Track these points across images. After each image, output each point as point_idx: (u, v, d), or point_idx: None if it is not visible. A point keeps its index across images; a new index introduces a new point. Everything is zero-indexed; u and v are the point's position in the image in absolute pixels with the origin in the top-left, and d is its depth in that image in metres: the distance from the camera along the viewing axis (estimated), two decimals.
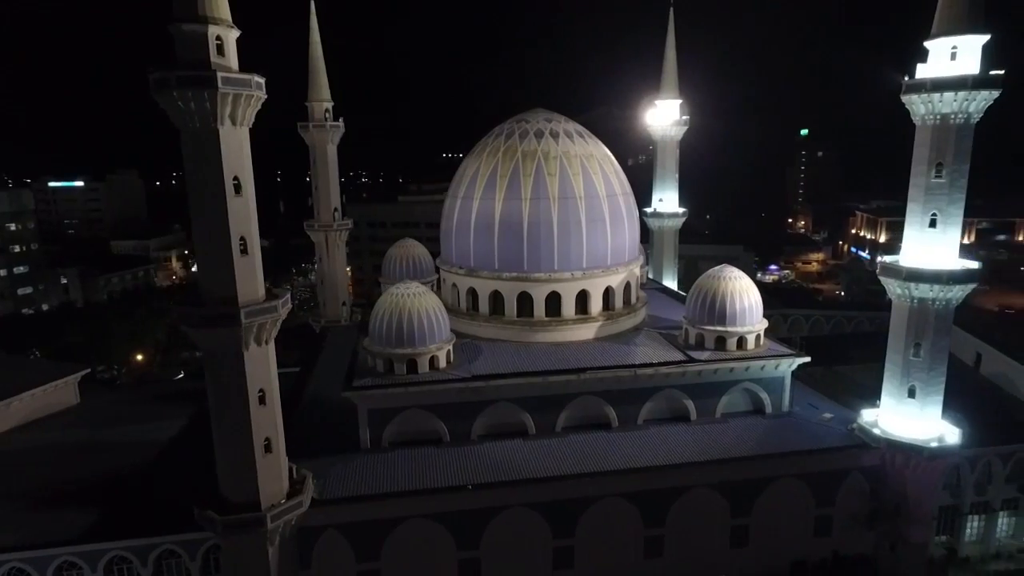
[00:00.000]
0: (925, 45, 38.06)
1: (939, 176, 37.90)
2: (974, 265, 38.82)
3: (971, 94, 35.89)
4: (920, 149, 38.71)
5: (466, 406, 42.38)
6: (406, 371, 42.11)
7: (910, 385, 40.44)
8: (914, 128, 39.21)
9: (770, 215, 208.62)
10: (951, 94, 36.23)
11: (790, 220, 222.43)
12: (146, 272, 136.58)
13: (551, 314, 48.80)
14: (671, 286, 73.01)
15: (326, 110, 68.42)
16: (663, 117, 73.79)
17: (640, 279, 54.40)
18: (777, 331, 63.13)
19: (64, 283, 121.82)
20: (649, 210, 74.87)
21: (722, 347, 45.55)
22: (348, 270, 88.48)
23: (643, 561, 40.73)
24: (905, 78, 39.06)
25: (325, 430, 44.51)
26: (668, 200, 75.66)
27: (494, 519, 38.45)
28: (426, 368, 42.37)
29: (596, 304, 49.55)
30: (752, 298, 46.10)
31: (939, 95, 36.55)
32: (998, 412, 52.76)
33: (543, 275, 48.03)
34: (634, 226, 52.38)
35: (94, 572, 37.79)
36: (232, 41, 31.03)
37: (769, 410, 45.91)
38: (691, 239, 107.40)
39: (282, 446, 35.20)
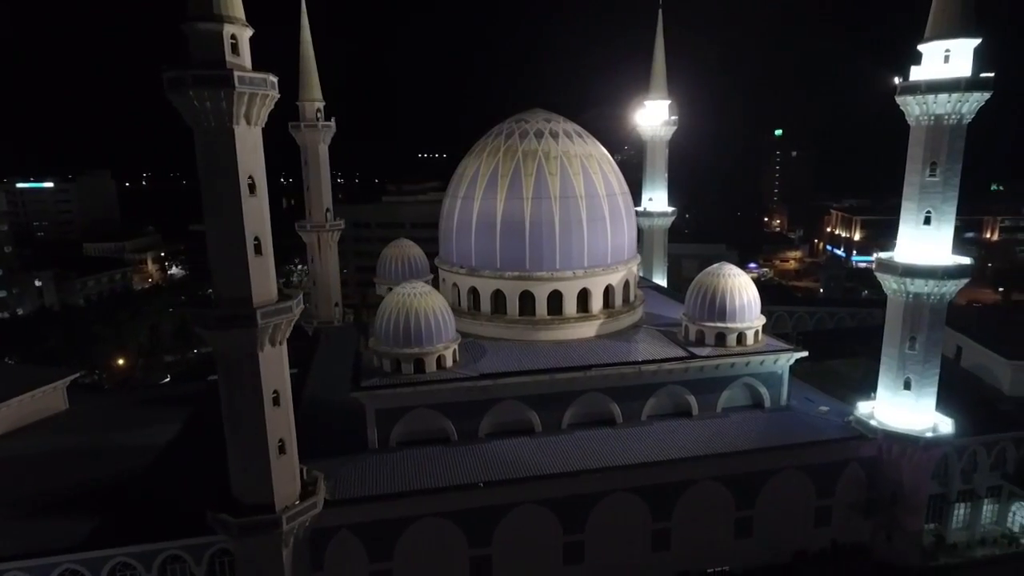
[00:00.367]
0: (919, 48, 39.37)
1: (933, 175, 39.22)
2: (966, 261, 40.26)
3: (964, 95, 37.22)
4: (914, 149, 40.00)
5: (474, 405, 42.58)
6: (413, 371, 42.16)
7: (906, 377, 41.75)
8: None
9: (746, 214, 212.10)
10: (945, 96, 37.53)
11: (766, 219, 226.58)
12: (123, 275, 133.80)
13: (553, 312, 49.22)
14: (661, 284, 74.08)
15: (318, 110, 67.99)
16: (652, 117, 74.86)
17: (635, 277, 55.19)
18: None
19: (39, 286, 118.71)
20: (639, 209, 75.71)
21: (722, 343, 46.44)
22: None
23: (651, 555, 41.38)
24: (898, 80, 40.38)
25: (329, 431, 44.27)
26: (658, 199, 76.73)
27: (506, 516, 38.74)
28: (433, 367, 42.46)
29: (597, 302, 50.13)
30: (750, 295, 47.09)
31: (933, 96, 37.83)
32: (980, 403, 54.57)
33: (545, 274, 48.43)
34: (632, 225, 53.15)
35: None
36: (246, 40, 30.85)
37: (768, 404, 46.93)
38: (672, 238, 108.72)
39: (295, 447, 35.05)
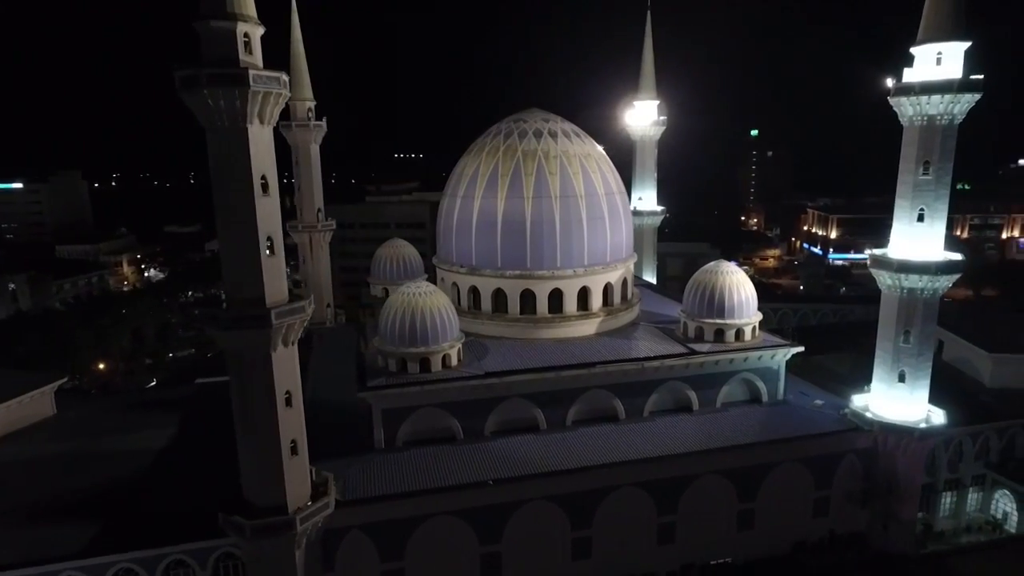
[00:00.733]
0: (911, 51, 40.55)
1: (926, 173, 40.45)
2: (957, 257, 41.59)
3: (956, 97, 38.47)
4: (908, 148, 41.20)
5: (479, 403, 42.77)
6: (419, 370, 42.19)
7: (900, 370, 42.99)
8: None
9: (723, 213, 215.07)
10: (938, 97, 38.75)
11: (743, 218, 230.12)
12: (100, 278, 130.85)
13: (553, 311, 49.62)
14: (651, 282, 74.92)
15: (309, 109, 67.44)
16: (642, 117, 75.68)
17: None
18: None
19: (12, 290, 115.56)
20: (629, 208, 76.43)
21: (721, 339, 47.29)
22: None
23: (656, 548, 41.98)
24: (891, 81, 41.56)
25: (332, 432, 43.97)
26: (647, 199, 77.56)
27: (515, 513, 38.99)
28: (439, 366, 42.55)
29: (596, 300, 50.65)
30: (748, 291, 48.05)
31: (927, 98, 39.03)
32: (962, 395, 56.34)
33: (546, 272, 48.81)
34: (629, 223, 53.85)
35: None
36: (258, 38, 30.62)
37: (765, 399, 47.93)
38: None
39: (306, 448, 34.87)
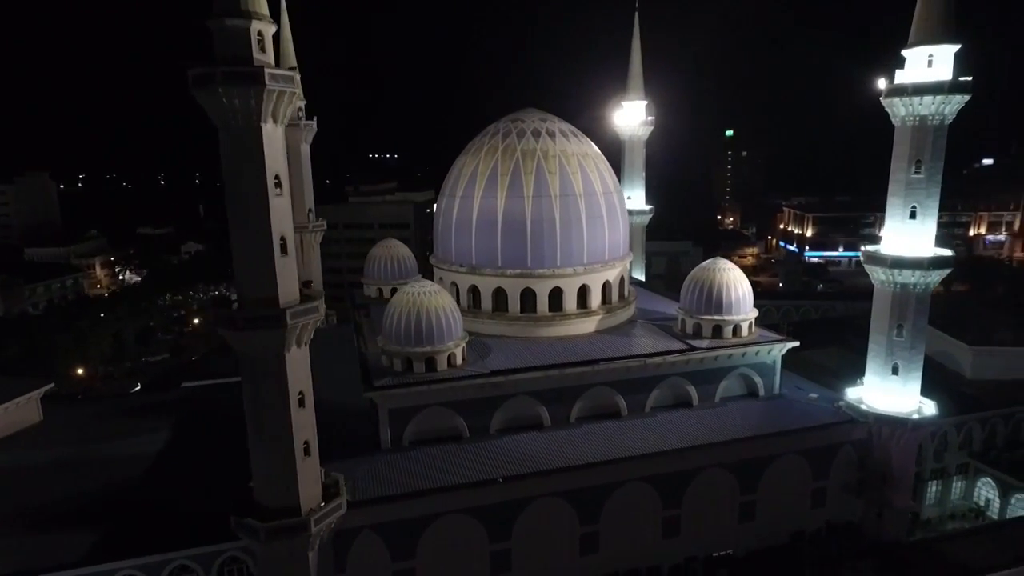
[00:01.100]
0: (903, 53, 41.82)
1: (918, 172, 41.74)
2: (948, 252, 42.99)
3: (947, 98, 39.80)
4: (900, 148, 42.45)
5: (485, 401, 42.94)
6: (425, 369, 42.22)
7: (894, 363, 44.24)
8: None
9: (700, 212, 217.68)
10: (930, 98, 40.03)
11: (719, 217, 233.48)
12: (75, 281, 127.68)
13: (553, 309, 49.99)
14: (640, 279, 75.70)
15: (299, 109, 66.83)
16: (630, 117, 76.47)
17: None
18: None
19: None
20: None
21: (719, 335, 48.13)
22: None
23: (662, 541, 42.59)
24: (883, 83, 42.81)
25: (335, 432, 43.70)
26: (636, 198, 78.35)
27: (525, 510, 39.24)
28: (445, 366, 42.62)
29: (596, 298, 51.17)
30: (744, 288, 48.97)
31: (919, 98, 40.29)
32: (944, 387, 58.29)
33: (547, 271, 49.17)
34: (625, 222, 54.52)
35: None
36: (270, 37, 30.39)
37: (762, 393, 48.95)
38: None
39: (316, 449, 34.68)
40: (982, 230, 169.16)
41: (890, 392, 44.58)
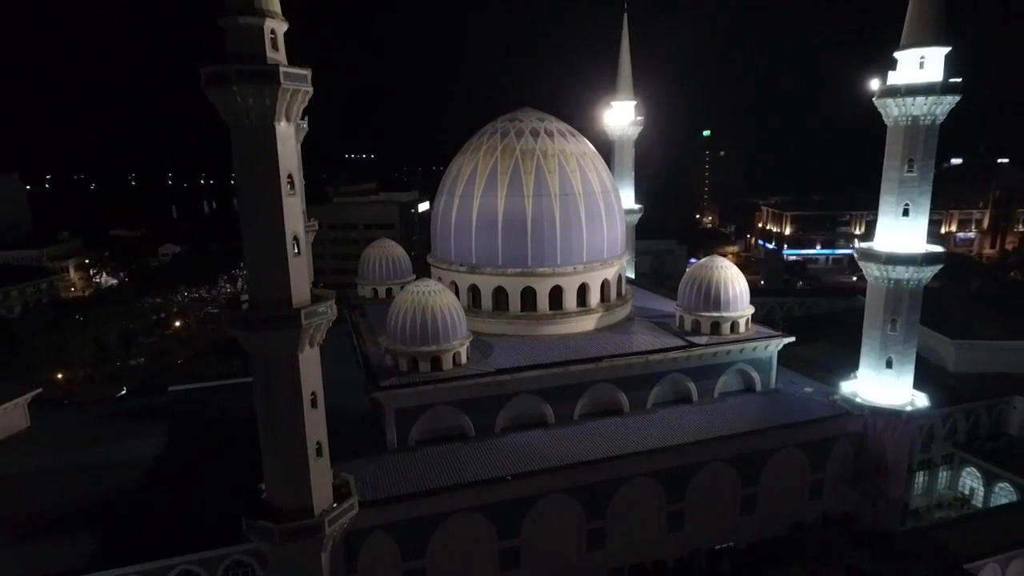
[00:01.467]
0: (895, 55, 42.95)
1: (911, 171, 42.90)
2: (939, 249, 44.23)
3: (939, 98, 40.97)
4: (892, 147, 43.57)
5: (491, 400, 43.06)
6: (431, 368, 42.20)
7: (888, 357, 45.37)
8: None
9: (680, 211, 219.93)
10: (922, 98, 41.16)
11: (698, 216, 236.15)
12: (50, 284, 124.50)
13: (553, 307, 50.32)
14: (631, 276, 76.43)
15: None
16: (619, 117, 77.21)
17: None
18: None
19: None
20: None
21: (717, 331, 48.91)
22: None
23: (666, 535, 43.15)
24: (876, 83, 43.91)
25: (340, 433, 43.44)
26: (625, 197, 78.97)
27: (534, 507, 39.46)
28: (450, 365, 42.67)
29: (595, 296, 51.64)
30: (741, 285, 49.83)
31: (911, 99, 41.41)
32: (929, 380, 59.83)
33: (547, 269, 49.50)
34: (622, 220, 55.14)
35: None
36: (282, 35, 30.17)
37: (759, 388, 49.85)
38: None
39: (327, 449, 34.47)
40: (953, 228, 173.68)
41: (884, 385, 45.71)
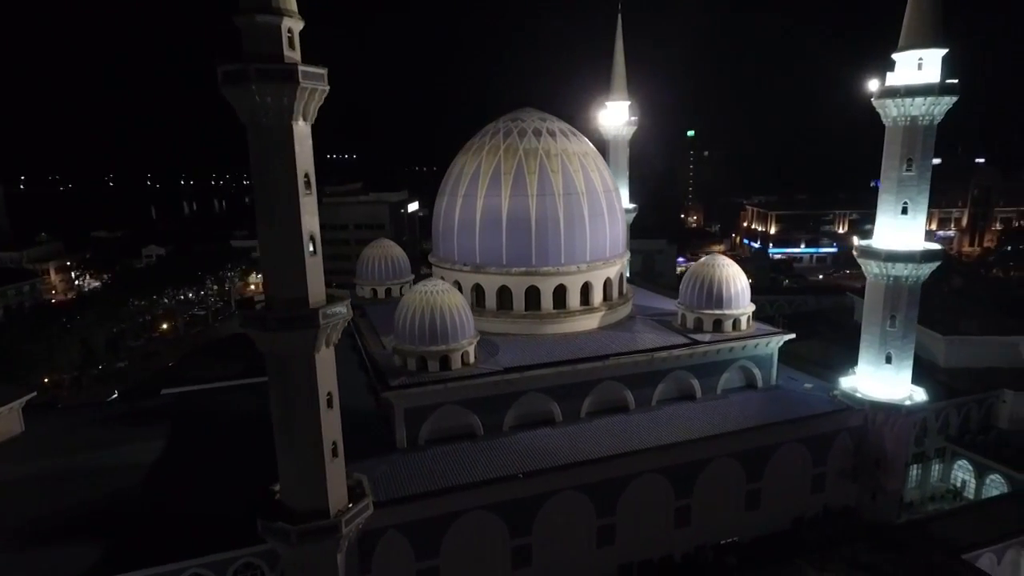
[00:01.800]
0: (893, 57, 43.84)
1: (910, 170, 43.82)
2: (937, 247, 45.23)
3: (937, 99, 41.90)
4: (891, 147, 44.47)
5: (499, 398, 43.21)
6: (439, 368, 42.23)
7: (887, 352, 46.35)
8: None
9: (668, 211, 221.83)
10: (921, 99, 42.07)
11: (683, 215, 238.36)
12: (32, 286, 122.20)
13: (557, 306, 50.57)
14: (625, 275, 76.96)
15: None
16: (614, 117, 77.68)
17: None
18: None
19: None
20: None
21: (719, 329, 49.53)
22: None
23: (674, 531, 43.58)
24: (873, 85, 44.81)
25: (346, 433, 43.38)
26: (621, 196, 79.53)
27: (545, 504, 39.64)
28: (459, 364, 42.72)
29: (597, 295, 52.00)
30: (742, 283, 50.52)
31: (911, 100, 42.30)
32: (921, 375, 61.03)
33: (551, 268, 49.75)
34: (623, 219, 55.67)
35: None
36: (297, 34, 30.03)
37: (760, 384, 50.57)
38: None
39: (342, 450, 34.37)
40: (933, 226, 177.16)
41: (884, 380, 46.65)
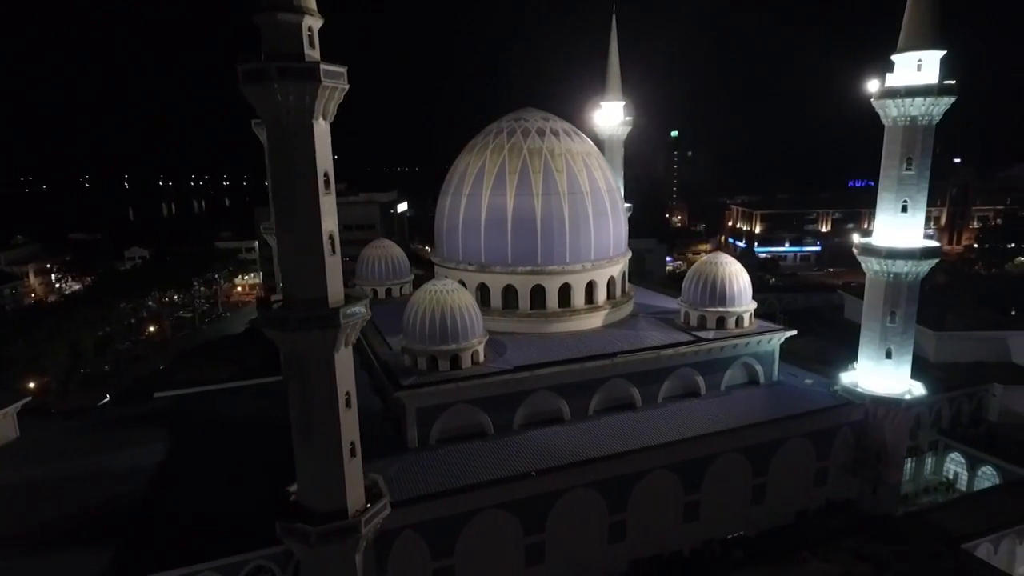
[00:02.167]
0: (892, 58, 44.76)
1: (909, 169, 44.78)
2: (935, 244, 46.30)
3: (936, 99, 42.87)
4: (891, 146, 45.41)
5: (509, 397, 43.33)
6: (450, 367, 42.25)
7: (887, 348, 47.28)
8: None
9: (654, 210, 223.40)
10: (920, 100, 43.01)
11: (667, 215, 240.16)
12: (13, 289, 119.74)
13: (562, 305, 50.82)
14: None
15: None
16: (609, 118, 78.15)
17: None
18: None
19: None
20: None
21: (722, 326, 50.13)
22: None
23: (683, 526, 44.06)
24: (872, 86, 45.71)
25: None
26: None
27: (558, 502, 39.85)
28: (469, 363, 42.79)
29: (601, 293, 52.34)
30: (744, 281, 51.16)
31: (911, 100, 43.22)
32: (913, 370, 62.22)
33: (556, 267, 49.97)
34: (625, 218, 56.09)
35: None
36: (317, 32, 29.91)
37: (763, 380, 51.29)
38: None
39: (360, 450, 34.25)
40: None
41: (884, 375, 47.58)
